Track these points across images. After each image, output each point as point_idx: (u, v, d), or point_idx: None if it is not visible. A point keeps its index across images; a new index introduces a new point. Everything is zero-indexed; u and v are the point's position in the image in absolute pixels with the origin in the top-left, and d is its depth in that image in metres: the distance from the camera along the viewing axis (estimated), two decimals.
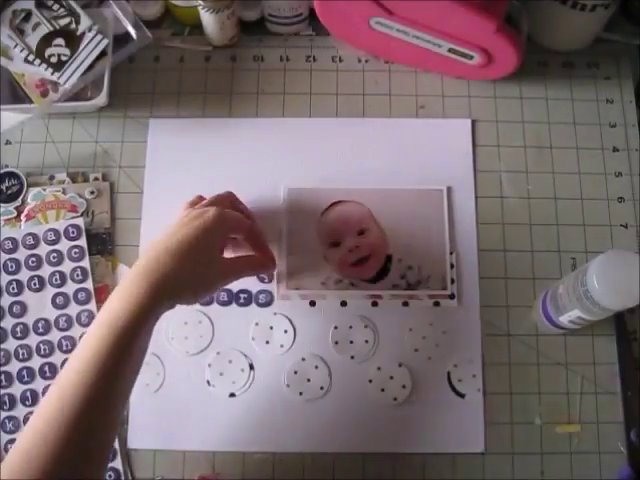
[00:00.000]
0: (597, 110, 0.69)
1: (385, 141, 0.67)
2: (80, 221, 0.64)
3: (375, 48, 0.70)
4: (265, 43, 0.72)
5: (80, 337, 0.61)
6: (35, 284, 0.63)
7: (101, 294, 0.62)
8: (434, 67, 0.69)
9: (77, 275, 0.63)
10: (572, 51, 0.71)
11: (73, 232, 0.64)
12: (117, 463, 0.58)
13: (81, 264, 0.63)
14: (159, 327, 0.61)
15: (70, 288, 0.62)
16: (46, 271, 0.63)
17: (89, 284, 0.62)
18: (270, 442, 0.59)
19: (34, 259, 0.63)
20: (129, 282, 0.49)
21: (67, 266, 0.63)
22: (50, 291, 0.63)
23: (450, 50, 0.64)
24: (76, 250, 0.63)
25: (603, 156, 0.68)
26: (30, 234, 0.63)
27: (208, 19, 0.67)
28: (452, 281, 0.63)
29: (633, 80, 0.70)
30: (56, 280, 0.63)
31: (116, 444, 0.59)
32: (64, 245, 0.63)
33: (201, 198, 0.59)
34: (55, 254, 0.63)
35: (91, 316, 0.62)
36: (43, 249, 0.63)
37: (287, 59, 0.71)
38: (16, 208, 0.65)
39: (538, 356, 0.62)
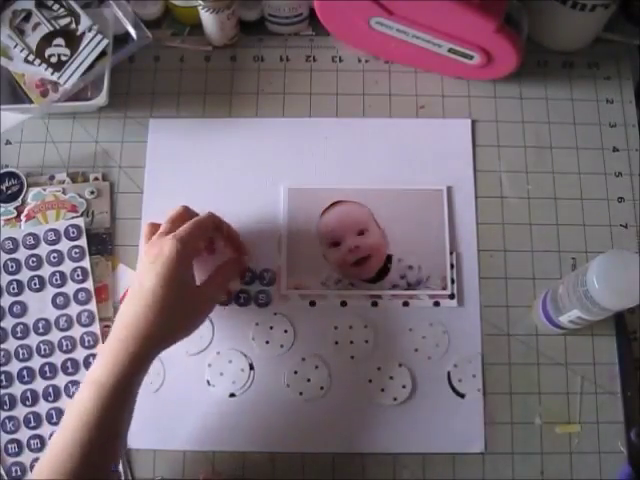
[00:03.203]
0: (597, 110, 0.69)
1: (385, 141, 0.67)
2: (80, 221, 0.64)
3: (375, 48, 0.70)
4: (265, 43, 0.72)
5: (80, 337, 0.61)
6: (35, 284, 0.62)
7: (101, 294, 0.62)
8: (434, 67, 0.69)
9: (77, 275, 0.63)
10: (572, 51, 0.71)
11: (73, 232, 0.64)
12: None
13: (81, 264, 0.63)
14: None
15: (70, 288, 0.62)
16: (46, 271, 0.63)
17: (89, 284, 0.62)
18: (270, 442, 0.59)
19: (34, 259, 0.63)
20: (116, 341, 0.50)
21: (67, 266, 0.63)
22: (50, 291, 0.63)
23: (450, 50, 0.64)
24: (76, 250, 0.63)
25: (603, 156, 0.68)
26: (30, 234, 0.63)
27: (208, 19, 0.67)
28: (452, 281, 0.63)
29: (633, 80, 0.70)
30: (56, 280, 0.63)
31: None
32: (64, 245, 0.63)
33: (154, 227, 0.57)
34: (55, 254, 0.63)
35: (91, 316, 0.62)
36: (43, 249, 0.63)
37: (287, 59, 0.71)
38: (16, 208, 0.65)
39: (538, 356, 0.62)
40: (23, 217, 0.64)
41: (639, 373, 0.61)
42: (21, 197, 0.65)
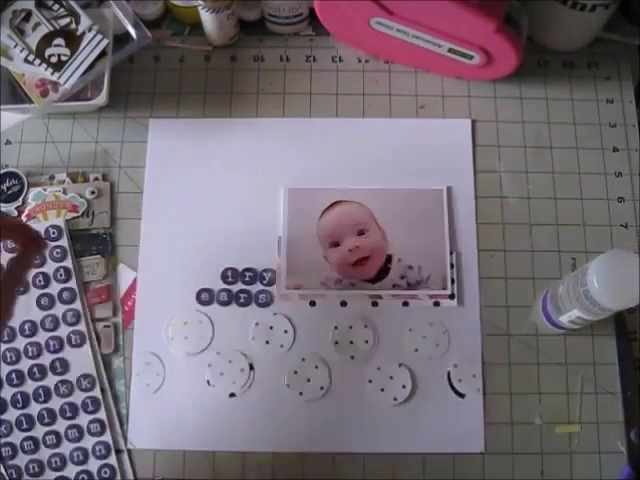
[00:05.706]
0: (597, 110, 0.69)
1: (385, 141, 0.67)
2: (60, 221, 0.64)
3: (375, 48, 0.70)
4: (265, 43, 0.72)
5: (67, 336, 0.61)
6: None
7: (101, 294, 0.62)
8: (434, 67, 0.69)
9: (60, 275, 0.62)
10: (572, 51, 0.71)
11: (54, 233, 0.63)
12: (112, 459, 0.58)
13: (64, 264, 0.63)
14: (159, 327, 0.62)
15: (54, 288, 0.62)
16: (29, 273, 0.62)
17: (73, 283, 0.62)
18: (270, 442, 0.59)
19: None
20: None
21: (50, 267, 0.63)
22: (34, 292, 0.62)
23: (450, 50, 0.64)
24: (58, 250, 0.63)
25: (603, 156, 0.68)
26: None
27: (208, 19, 0.67)
28: (452, 281, 0.63)
29: (633, 80, 0.70)
30: (40, 281, 0.62)
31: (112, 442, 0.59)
32: None
33: None
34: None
35: (77, 315, 0.61)
36: None
37: (287, 59, 0.71)
38: (17, 208, 0.65)
39: (538, 356, 0.62)
40: (24, 217, 0.64)
41: (639, 373, 0.61)
42: (22, 197, 0.65)
